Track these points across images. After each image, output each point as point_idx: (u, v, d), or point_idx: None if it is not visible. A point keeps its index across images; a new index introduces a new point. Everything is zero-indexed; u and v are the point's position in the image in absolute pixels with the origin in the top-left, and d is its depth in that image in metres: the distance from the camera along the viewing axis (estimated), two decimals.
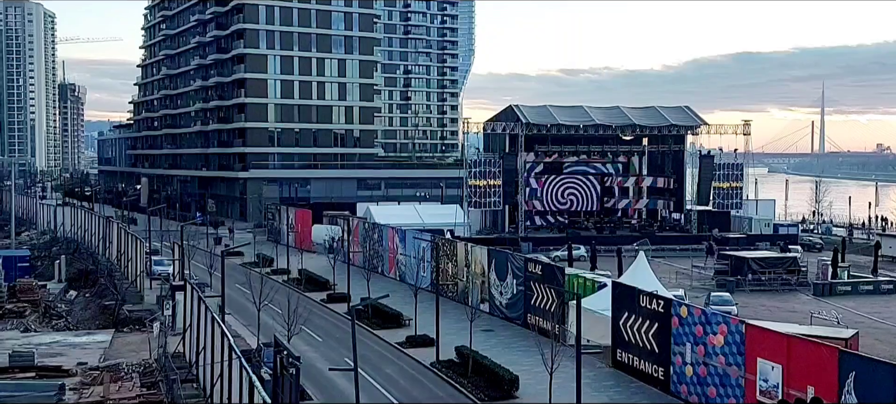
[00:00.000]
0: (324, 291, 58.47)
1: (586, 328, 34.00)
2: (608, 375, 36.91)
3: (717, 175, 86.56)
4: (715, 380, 31.16)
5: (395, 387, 36.32)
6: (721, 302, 48.14)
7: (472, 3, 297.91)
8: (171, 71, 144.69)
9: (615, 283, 40.13)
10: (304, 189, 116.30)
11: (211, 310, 32.86)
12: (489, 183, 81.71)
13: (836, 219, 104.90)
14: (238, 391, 25.88)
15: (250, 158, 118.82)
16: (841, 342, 31.51)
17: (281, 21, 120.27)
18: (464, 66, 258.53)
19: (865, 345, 37.56)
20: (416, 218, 79.59)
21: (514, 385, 34.45)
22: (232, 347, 27.14)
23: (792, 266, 61.03)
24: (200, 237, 79.43)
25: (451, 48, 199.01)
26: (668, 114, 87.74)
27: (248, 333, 45.07)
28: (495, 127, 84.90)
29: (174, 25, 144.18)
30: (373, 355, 41.24)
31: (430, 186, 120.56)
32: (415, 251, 59.34)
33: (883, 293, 57.86)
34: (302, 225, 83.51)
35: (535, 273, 45.11)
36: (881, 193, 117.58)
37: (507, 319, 47.66)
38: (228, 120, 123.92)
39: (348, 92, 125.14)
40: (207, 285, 55.40)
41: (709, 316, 32.26)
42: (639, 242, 75.18)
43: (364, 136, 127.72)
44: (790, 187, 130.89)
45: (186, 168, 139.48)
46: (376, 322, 47.89)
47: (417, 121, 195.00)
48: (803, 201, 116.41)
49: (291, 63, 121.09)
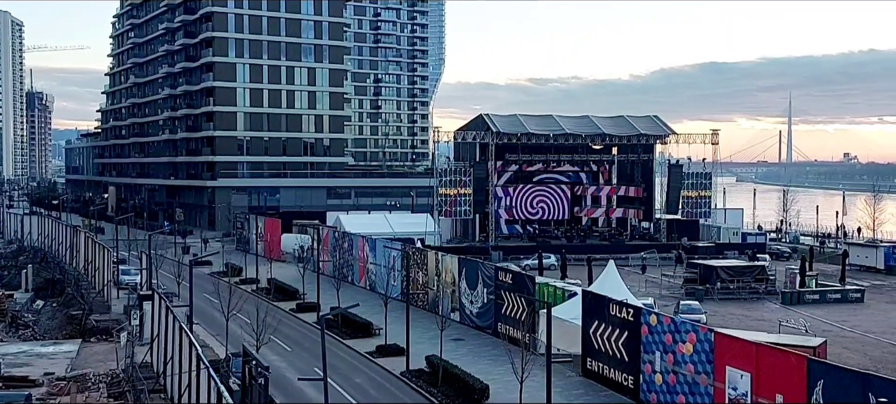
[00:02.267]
0: (293, 301, 58.08)
1: (556, 337, 33.99)
2: (578, 384, 36.92)
3: (686, 184, 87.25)
4: (684, 389, 31.26)
5: (365, 397, 36.08)
6: (690, 310, 48.42)
7: (442, 12, 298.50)
8: (140, 79, 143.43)
9: (585, 292, 40.19)
10: (274, 198, 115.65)
11: (179, 320, 32.47)
12: (459, 192, 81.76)
13: (804, 228, 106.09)
14: (206, 401, 25.55)
15: (219, 167, 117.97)
16: (809, 350, 31.74)
17: (250, 29, 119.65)
18: (434, 74, 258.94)
19: (833, 354, 37.92)
20: (387, 227, 79.38)
21: (484, 394, 34.35)
22: (200, 357, 26.81)
23: (760, 274, 61.52)
24: (168, 246, 78.63)
25: (422, 57, 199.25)
26: (637, 124, 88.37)
27: (216, 343, 44.64)
28: (466, 136, 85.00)
29: (142, 34, 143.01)
30: (342, 364, 40.97)
31: (401, 195, 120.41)
32: (385, 260, 59.15)
33: (850, 301, 58.46)
34: (271, 234, 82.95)
35: (505, 282, 45.09)
36: (848, 202, 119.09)
37: (477, 328, 47.57)
38: (197, 128, 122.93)
39: (318, 100, 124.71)
40: (175, 295, 54.79)
41: (678, 325, 32.37)
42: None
43: (334, 145, 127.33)
44: (758, 196, 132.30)
45: (154, 177, 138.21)
46: (346, 331, 47.62)
47: (387, 130, 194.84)
48: (771, 210, 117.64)
49: (260, 71, 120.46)
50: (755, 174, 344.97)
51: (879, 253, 74.78)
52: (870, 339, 46.05)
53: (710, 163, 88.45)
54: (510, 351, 31.88)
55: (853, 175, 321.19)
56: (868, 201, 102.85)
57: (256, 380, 27.12)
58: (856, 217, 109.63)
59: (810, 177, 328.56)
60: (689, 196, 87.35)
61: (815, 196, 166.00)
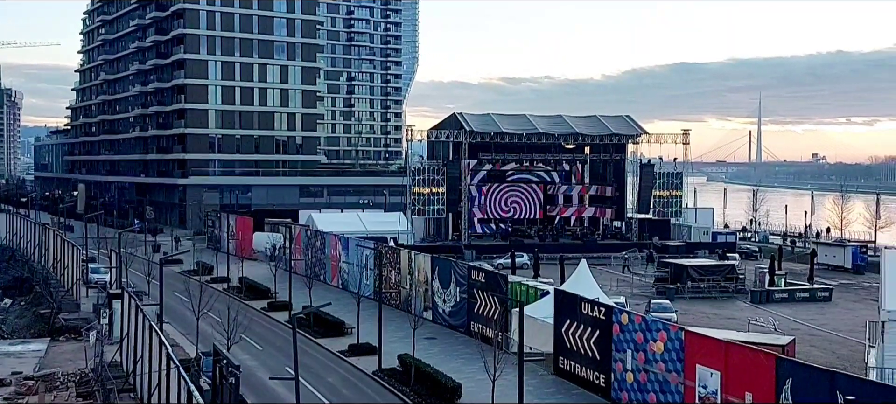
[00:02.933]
0: (265, 299, 57.79)
1: (529, 335, 34.12)
2: (550, 382, 37.07)
3: (658, 183, 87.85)
4: (655, 387, 31.48)
5: (337, 396, 35.99)
6: (661, 309, 48.76)
7: (415, 10, 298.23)
8: (110, 76, 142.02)
9: (557, 291, 40.36)
10: (246, 196, 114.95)
11: (149, 319, 32.21)
12: (433, 190, 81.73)
13: (773, 227, 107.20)
14: (176, 400, 25.37)
15: (190, 165, 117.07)
16: (778, 349, 32.11)
17: (222, 26, 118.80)
18: (407, 73, 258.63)
19: (802, 352, 38.38)
20: (360, 225, 79.16)
21: (456, 393, 34.39)
22: (170, 356, 26.61)
23: (730, 273, 62.10)
24: (138, 244, 77.94)
25: (395, 55, 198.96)
26: (610, 124, 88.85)
27: (186, 342, 44.31)
28: (439, 135, 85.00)
29: (113, 30, 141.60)
30: (314, 364, 40.83)
31: (374, 194, 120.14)
32: (358, 259, 59.02)
33: (819, 300, 59.15)
34: (243, 232, 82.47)
35: (478, 280, 45.16)
36: (817, 202, 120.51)
37: (450, 327, 47.60)
38: (168, 126, 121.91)
39: (291, 98, 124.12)
40: (145, 293, 54.36)
41: (649, 324, 32.60)
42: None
43: (306, 143, 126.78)
44: (728, 196, 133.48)
45: (125, 174, 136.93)
46: (318, 330, 47.47)
47: (361, 129, 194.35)
48: (741, 210, 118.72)
49: (233, 69, 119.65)
50: (725, 174, 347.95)
51: (847, 252, 75.71)
52: (837, 338, 46.63)
53: (681, 163, 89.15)
54: (483, 350, 31.95)
55: (821, 175, 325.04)
56: (836, 201, 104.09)
57: (227, 380, 26.97)
58: (824, 217, 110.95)
59: (780, 177, 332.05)
60: (660, 195, 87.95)
61: (784, 196, 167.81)
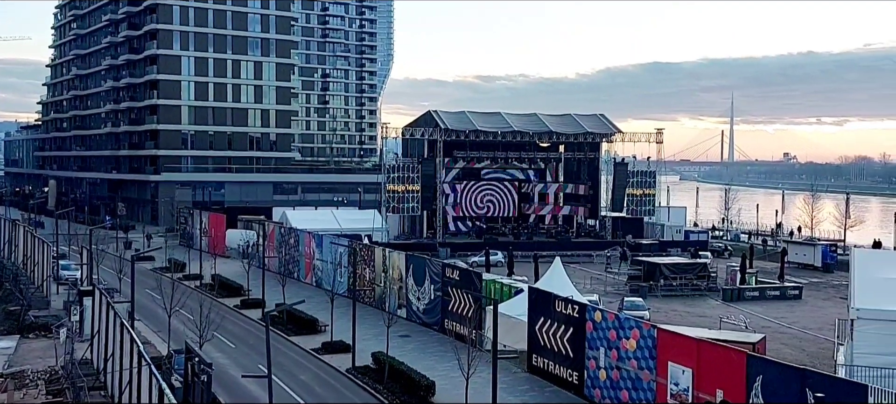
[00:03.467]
0: (237, 297, 57.50)
1: (503, 333, 34.18)
2: (524, 380, 37.16)
3: (631, 182, 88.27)
4: (627, 384, 31.67)
5: (310, 394, 35.86)
6: (634, 307, 49.04)
7: (390, 7, 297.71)
8: (82, 71, 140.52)
9: (531, 289, 40.46)
10: (219, 193, 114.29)
11: (120, 316, 31.92)
12: (407, 188, 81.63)
13: (745, 226, 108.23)
14: (148, 398, 25.16)
15: (162, 161, 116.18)
16: (749, 346, 32.41)
17: (195, 22, 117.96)
18: (382, 70, 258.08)
19: (772, 349, 38.75)
20: (334, 223, 78.95)
21: (430, 390, 34.39)
22: (141, 354, 26.38)
23: (702, 271, 62.57)
24: (110, 241, 77.24)
25: (370, 52, 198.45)
26: (584, 122, 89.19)
27: (158, 340, 43.98)
28: (414, 132, 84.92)
29: (85, 25, 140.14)
30: (287, 361, 40.66)
31: (348, 191, 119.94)
32: (332, 256, 58.85)
33: (789, 298, 59.75)
34: (215, 229, 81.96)
35: (452, 278, 45.18)
36: (787, 201, 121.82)
37: (424, 325, 47.60)
38: (140, 122, 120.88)
39: (264, 94, 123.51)
40: (116, 290, 53.84)
41: (622, 321, 32.78)
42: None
43: (280, 140, 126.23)
44: (701, 195, 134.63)
45: (96, 170, 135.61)
46: (291, 328, 47.29)
47: (335, 126, 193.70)
48: (713, 208, 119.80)
49: (206, 64, 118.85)
50: (698, 173, 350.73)
51: (817, 251, 76.54)
52: (807, 335, 47.14)
53: (654, 162, 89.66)
54: (457, 348, 31.94)
55: (792, 174, 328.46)
56: (806, 200, 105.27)
57: (199, 378, 26.79)
58: (795, 216, 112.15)
59: (751, 177, 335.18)
60: (633, 194, 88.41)
61: (755, 195, 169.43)
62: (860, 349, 30.12)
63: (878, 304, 30.79)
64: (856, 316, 30.65)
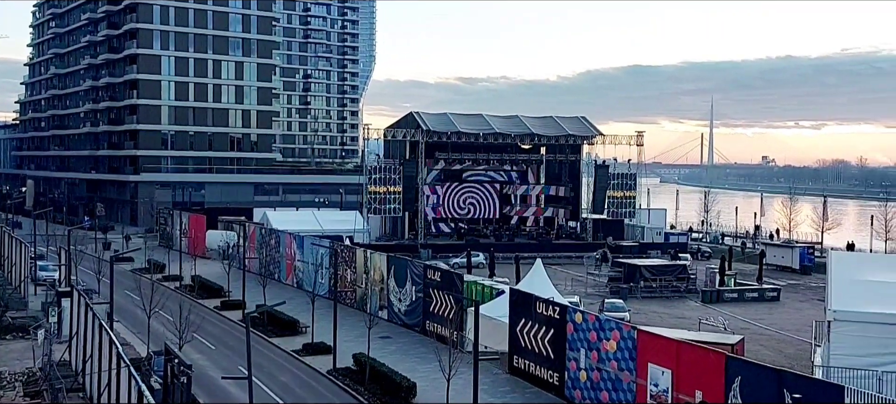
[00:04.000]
0: (218, 298, 57.24)
1: (484, 334, 34.25)
2: (505, 381, 37.25)
3: (612, 184, 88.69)
4: (607, 385, 31.82)
5: (291, 396, 35.77)
6: (614, 308, 49.29)
7: (372, 9, 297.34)
8: (60, 70, 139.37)
9: (513, 290, 40.56)
10: (199, 193, 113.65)
11: (98, 317, 31.70)
12: (389, 189, 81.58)
13: (724, 228, 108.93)
14: (127, 400, 25.02)
15: (142, 161, 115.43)
16: (727, 347, 32.64)
17: (176, 21, 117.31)
18: (365, 71, 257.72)
19: (751, 351, 39.05)
20: (315, 224, 78.74)
21: (411, 392, 34.40)
22: (120, 355, 26.24)
23: (682, 273, 62.96)
24: (89, 242, 76.63)
25: (352, 53, 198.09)
26: (565, 124, 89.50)
27: (137, 341, 43.73)
28: (396, 133, 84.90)
29: (64, 23, 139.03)
30: (268, 363, 40.55)
31: (330, 192, 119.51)
32: (313, 257, 58.72)
33: (767, 300, 60.24)
34: (195, 230, 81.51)
35: (434, 280, 45.21)
36: (766, 204, 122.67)
37: (405, 326, 47.59)
38: (120, 121, 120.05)
39: (246, 95, 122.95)
40: (95, 291, 53.49)
41: (602, 323, 32.93)
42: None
43: (261, 141, 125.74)
44: (681, 197, 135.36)
45: (75, 170, 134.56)
46: (272, 329, 47.15)
47: (317, 127, 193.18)
48: (693, 211, 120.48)
49: (186, 64, 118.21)
50: (678, 175, 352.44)
51: (795, 253, 77.19)
52: (785, 337, 47.54)
53: (635, 164, 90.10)
54: (438, 349, 32.04)
55: (771, 178, 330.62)
56: (785, 203, 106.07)
57: (179, 379, 26.66)
58: (773, 218, 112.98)
59: (731, 179, 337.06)
60: (614, 196, 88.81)
61: (734, 197, 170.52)
62: (837, 350, 30.41)
63: (855, 306, 31.10)
64: (832, 317, 30.94)
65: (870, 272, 35.52)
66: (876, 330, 30.27)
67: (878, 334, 30.19)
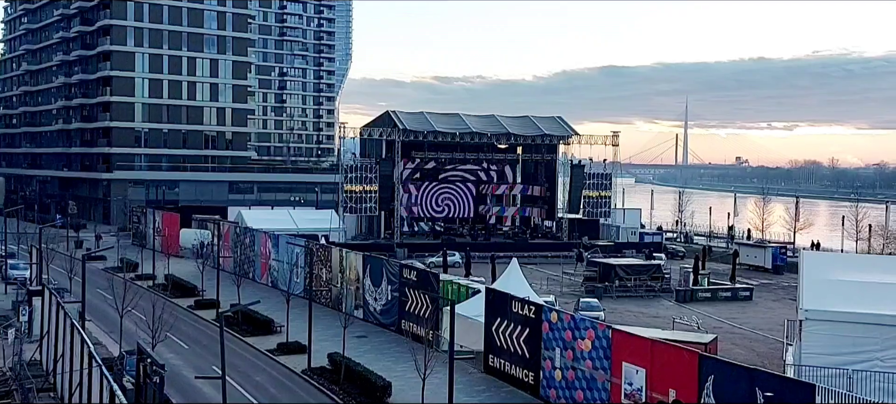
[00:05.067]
0: (191, 297, 56.84)
1: (460, 334, 34.24)
2: (480, 380, 37.27)
3: (588, 184, 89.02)
4: (582, 384, 31.93)
5: (265, 395, 35.59)
6: (589, 307, 49.44)
7: (349, 6, 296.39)
8: (32, 66, 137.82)
9: (488, 290, 40.59)
10: (173, 191, 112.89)
11: (70, 316, 31.35)
12: (365, 188, 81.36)
13: (698, 228, 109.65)
14: (98, 400, 24.76)
15: (115, 159, 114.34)
16: (701, 346, 32.86)
17: (150, 18, 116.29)
18: (341, 69, 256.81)
19: (723, 350, 39.33)
20: (290, 222, 78.40)
21: (386, 391, 34.33)
22: (92, 355, 25.96)
23: (656, 273, 63.30)
24: (60, 240, 75.87)
25: (328, 52, 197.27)
26: (542, 124, 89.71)
27: (110, 341, 43.31)
28: (372, 132, 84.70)
29: (36, 20, 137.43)
30: (242, 363, 40.30)
31: (305, 191, 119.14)
32: (288, 256, 58.47)
33: (740, 299, 60.71)
34: (169, 228, 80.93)
35: (409, 279, 45.15)
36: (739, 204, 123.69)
37: (381, 325, 47.50)
38: (93, 119, 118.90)
39: (220, 93, 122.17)
40: (67, 290, 52.90)
41: (578, 322, 33.03)
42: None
43: (236, 139, 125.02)
44: (655, 197, 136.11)
45: (47, 168, 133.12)
46: (246, 329, 46.88)
47: (292, 125, 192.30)
48: (667, 211, 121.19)
49: (161, 61, 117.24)
50: (653, 176, 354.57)
51: (767, 253, 77.84)
52: (757, 336, 47.93)
53: (610, 164, 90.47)
54: (413, 349, 31.94)
55: (744, 178, 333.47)
56: (758, 203, 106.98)
57: (151, 379, 26.43)
58: (746, 218, 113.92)
59: (705, 180, 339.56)
60: (590, 196, 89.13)
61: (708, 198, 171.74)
62: (808, 349, 30.71)
63: (826, 305, 31.41)
64: (804, 316, 31.24)
65: (841, 272, 35.87)
66: (847, 329, 30.60)
67: (848, 333, 30.53)
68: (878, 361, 30.22)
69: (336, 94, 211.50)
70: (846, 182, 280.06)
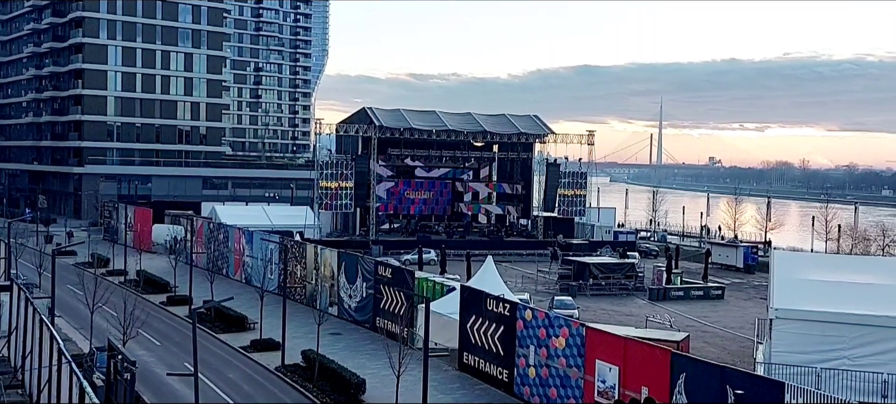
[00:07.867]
0: (164, 293, 56.43)
1: (435, 331, 34.25)
2: (454, 378, 37.29)
3: (563, 183, 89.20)
4: (556, 382, 32.03)
5: (238, 392, 35.40)
6: (564, 305, 49.61)
7: (326, 2, 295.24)
8: (2, 58, 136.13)
9: (463, 287, 40.61)
10: (145, 186, 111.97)
11: (39, 312, 30.97)
12: (340, 185, 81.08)
13: (671, 227, 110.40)
14: (68, 397, 24.48)
15: (87, 153, 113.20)
16: (673, 344, 33.07)
17: (123, 10, 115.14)
18: (317, 66, 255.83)
19: (695, 348, 39.65)
20: (265, 219, 78.02)
21: (360, 388, 34.26)
22: (61, 351, 25.64)
23: (630, 271, 63.66)
24: (30, 235, 75.03)
25: (304, 47, 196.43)
26: (518, 123, 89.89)
27: (80, 337, 42.88)
28: (348, 129, 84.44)
29: (6, 10, 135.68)
30: (215, 360, 40.06)
31: (280, 187, 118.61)
32: (262, 253, 58.16)
33: (712, 298, 61.20)
34: (141, 224, 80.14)
35: (385, 276, 45.08)
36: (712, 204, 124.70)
37: (355, 322, 47.39)
38: (64, 112, 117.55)
39: (195, 87, 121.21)
40: (36, 286, 52.39)
41: (552, 320, 33.13)
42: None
43: (211, 134, 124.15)
44: (630, 196, 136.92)
45: (16, 161, 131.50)
46: (220, 325, 46.60)
47: (268, 120, 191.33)
48: (642, 210, 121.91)
49: (134, 55, 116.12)
50: (628, 175, 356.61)
51: (739, 252, 78.48)
52: (729, 334, 48.36)
53: (585, 163, 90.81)
54: (388, 346, 31.91)
55: (717, 178, 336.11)
56: (730, 203, 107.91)
57: (122, 376, 26.22)
58: (719, 218, 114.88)
59: (678, 179, 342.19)
60: (565, 194, 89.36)
61: (682, 197, 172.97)
62: (778, 347, 31.02)
63: (796, 304, 31.75)
64: (774, 315, 31.55)
65: (811, 271, 36.28)
66: (816, 327, 30.98)
67: (817, 332, 30.91)
68: (846, 360, 30.62)
69: (312, 90, 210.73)
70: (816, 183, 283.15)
